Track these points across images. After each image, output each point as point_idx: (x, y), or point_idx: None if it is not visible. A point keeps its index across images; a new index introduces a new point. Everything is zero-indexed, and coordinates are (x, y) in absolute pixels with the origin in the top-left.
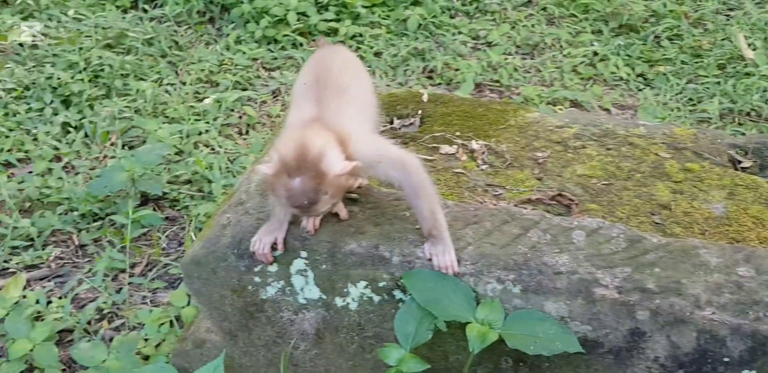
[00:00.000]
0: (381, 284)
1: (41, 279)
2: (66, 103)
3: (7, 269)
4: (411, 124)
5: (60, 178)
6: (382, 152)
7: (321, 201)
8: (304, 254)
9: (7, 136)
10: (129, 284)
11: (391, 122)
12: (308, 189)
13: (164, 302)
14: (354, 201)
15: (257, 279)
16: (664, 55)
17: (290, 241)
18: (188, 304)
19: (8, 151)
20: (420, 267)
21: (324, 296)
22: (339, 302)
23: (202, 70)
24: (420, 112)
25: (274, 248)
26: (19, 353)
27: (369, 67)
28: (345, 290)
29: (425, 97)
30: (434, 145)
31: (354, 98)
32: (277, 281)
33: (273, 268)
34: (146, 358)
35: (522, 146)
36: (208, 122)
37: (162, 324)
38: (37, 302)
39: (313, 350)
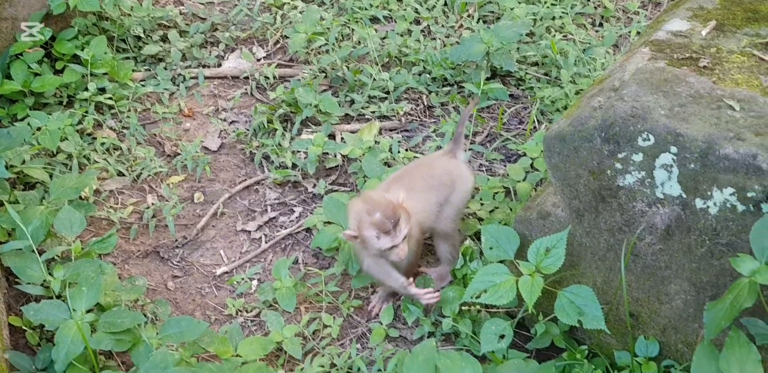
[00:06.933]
0: (749, 194)
1: (391, 130)
2: None
3: (363, 115)
4: None
5: (417, 40)
6: None
7: (401, 223)
8: (674, 149)
9: None
10: (469, 149)
11: None
12: (388, 213)
13: (500, 173)
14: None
15: (618, 165)
16: None
17: (662, 134)
18: (524, 179)
19: (376, 7)
20: None
21: (684, 195)
22: (699, 203)
23: None
24: None
25: None
26: None
27: None
28: (708, 192)
29: None
30: None
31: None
32: (639, 171)
33: (638, 157)
34: (480, 219)
35: None
36: (563, 9)
37: (497, 193)
38: (390, 149)
39: (658, 244)
